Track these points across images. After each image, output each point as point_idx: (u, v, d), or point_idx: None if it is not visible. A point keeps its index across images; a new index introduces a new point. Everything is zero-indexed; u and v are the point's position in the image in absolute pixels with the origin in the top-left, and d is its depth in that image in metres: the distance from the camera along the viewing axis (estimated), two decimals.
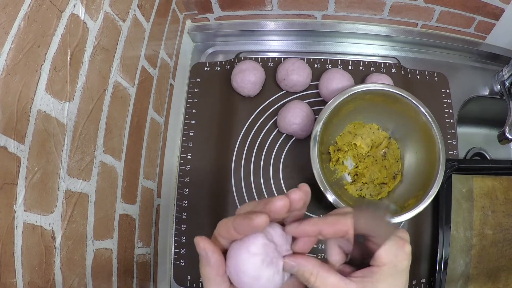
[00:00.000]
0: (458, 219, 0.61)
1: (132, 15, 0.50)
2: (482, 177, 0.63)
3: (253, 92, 0.67)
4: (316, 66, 0.71)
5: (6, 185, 0.30)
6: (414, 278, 0.61)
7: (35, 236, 0.33)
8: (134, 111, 0.52)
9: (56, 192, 0.36)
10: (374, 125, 0.64)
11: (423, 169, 0.58)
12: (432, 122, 0.56)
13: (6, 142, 0.30)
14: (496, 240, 0.62)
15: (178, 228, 0.64)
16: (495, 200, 0.63)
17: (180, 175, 0.66)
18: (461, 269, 0.60)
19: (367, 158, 0.63)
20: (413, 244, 0.62)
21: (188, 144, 0.68)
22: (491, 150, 0.85)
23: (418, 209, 0.52)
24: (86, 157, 0.41)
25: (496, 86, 0.73)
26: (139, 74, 0.54)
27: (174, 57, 0.68)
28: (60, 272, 0.36)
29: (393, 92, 0.57)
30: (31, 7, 0.32)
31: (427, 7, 0.67)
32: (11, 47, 0.30)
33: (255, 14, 0.73)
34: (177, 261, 0.63)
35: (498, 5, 0.64)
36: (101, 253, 0.44)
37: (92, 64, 0.41)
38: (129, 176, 0.52)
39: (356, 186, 0.61)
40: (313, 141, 0.55)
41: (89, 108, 0.41)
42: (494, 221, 0.62)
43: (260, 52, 0.75)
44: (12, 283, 0.30)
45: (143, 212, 0.56)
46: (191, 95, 0.71)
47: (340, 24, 0.74)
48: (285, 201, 0.25)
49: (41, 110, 0.33)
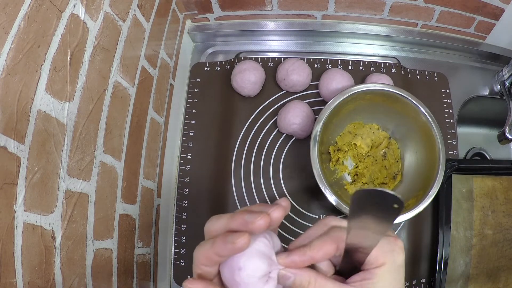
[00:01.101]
0: (458, 219, 0.61)
1: (132, 15, 0.50)
2: (482, 177, 0.63)
3: (253, 92, 0.67)
4: (316, 66, 0.71)
5: (6, 185, 0.30)
6: (414, 278, 0.61)
7: (35, 236, 0.33)
8: (134, 111, 0.52)
9: (56, 192, 0.36)
10: (374, 125, 0.64)
11: (423, 169, 0.58)
12: (432, 122, 0.56)
13: (6, 142, 0.30)
14: (496, 240, 0.62)
15: (178, 228, 0.64)
16: (495, 200, 0.63)
17: (180, 175, 0.66)
18: (461, 269, 0.60)
19: (367, 158, 0.63)
20: (413, 244, 0.63)
21: (188, 144, 0.68)
22: (491, 150, 0.85)
23: (418, 209, 0.52)
24: (86, 157, 0.41)
25: (496, 86, 0.73)
26: (139, 74, 0.54)
27: (174, 57, 0.68)
28: (60, 272, 0.36)
29: (393, 92, 0.57)
30: (31, 7, 0.32)
31: (427, 7, 0.67)
32: (11, 47, 0.30)
33: (255, 14, 0.73)
34: (177, 261, 0.63)
35: (498, 5, 0.64)
36: (101, 253, 0.44)
37: (92, 64, 0.41)
38: (129, 176, 0.51)
39: (356, 186, 0.61)
40: (313, 141, 0.55)
41: (89, 108, 0.41)
42: (494, 221, 0.62)
43: (260, 52, 0.75)
44: (12, 283, 0.30)
45: (143, 212, 0.56)
46: (191, 95, 0.71)
47: (340, 24, 0.74)
48: (265, 220, 0.24)
49: (41, 110, 0.33)
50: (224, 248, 0.24)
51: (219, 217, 0.27)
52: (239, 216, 0.25)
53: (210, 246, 0.25)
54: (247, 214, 0.25)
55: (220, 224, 0.26)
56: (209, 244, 0.25)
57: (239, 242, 0.23)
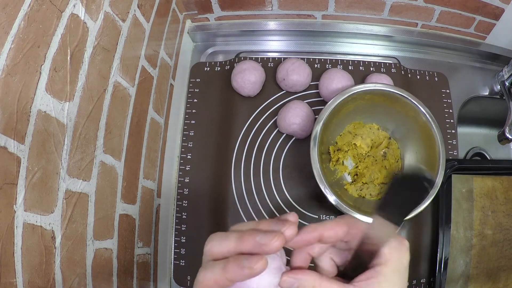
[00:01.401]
0: (458, 219, 0.61)
1: (132, 15, 0.50)
2: (482, 177, 0.63)
3: (253, 92, 0.67)
4: (316, 66, 0.71)
5: (6, 185, 0.30)
6: (414, 278, 0.61)
7: (35, 236, 0.33)
8: (134, 111, 0.52)
9: (56, 192, 0.36)
10: (374, 125, 0.64)
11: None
12: (432, 122, 0.56)
13: (6, 142, 0.30)
14: (496, 240, 0.62)
15: (178, 228, 0.64)
16: (495, 200, 0.63)
17: (180, 175, 0.66)
18: (461, 269, 0.60)
19: (367, 158, 0.63)
20: (413, 244, 0.63)
21: (188, 144, 0.68)
22: (491, 150, 0.85)
23: (418, 209, 0.52)
24: (86, 157, 0.41)
25: (496, 86, 0.73)
26: (139, 74, 0.54)
27: (174, 57, 0.68)
28: (60, 272, 0.36)
29: (393, 92, 0.57)
30: (31, 7, 0.32)
31: (427, 7, 0.67)
32: (11, 47, 0.30)
33: (255, 14, 0.73)
34: (177, 261, 0.63)
35: (498, 5, 0.64)
36: (101, 253, 0.44)
37: (92, 64, 0.41)
38: (129, 176, 0.52)
39: (356, 186, 0.61)
40: (313, 141, 0.55)
41: (89, 108, 0.41)
42: (494, 221, 0.62)
43: (260, 52, 0.75)
44: (12, 283, 0.30)
45: (143, 212, 0.56)
46: (191, 95, 0.71)
47: (340, 24, 0.74)
48: (281, 242, 0.23)
49: (41, 110, 0.33)
50: (240, 273, 0.23)
51: (224, 238, 0.25)
52: (250, 238, 0.24)
53: (221, 270, 0.23)
54: (258, 236, 0.24)
55: (227, 246, 0.25)
56: (218, 268, 0.24)
57: (258, 268, 0.22)
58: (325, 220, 0.28)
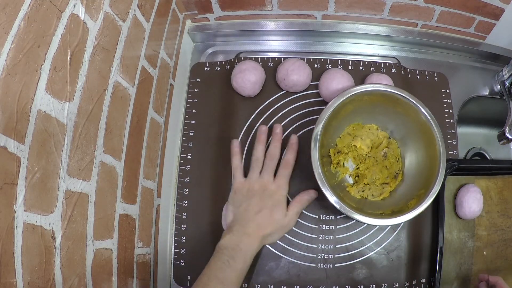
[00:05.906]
0: (452, 221, 0.62)
1: (132, 15, 0.50)
2: (476, 177, 0.63)
3: (253, 92, 0.67)
4: (316, 66, 0.71)
5: (6, 185, 0.30)
6: (414, 278, 0.61)
7: (35, 236, 0.33)
8: (134, 111, 0.52)
9: (56, 192, 0.36)
10: (373, 125, 0.64)
11: (424, 168, 0.58)
12: (432, 122, 0.56)
13: (6, 142, 0.30)
14: (492, 241, 0.62)
15: (178, 228, 0.64)
16: (490, 201, 0.63)
17: (180, 175, 0.66)
18: (457, 271, 0.60)
19: (367, 159, 0.63)
20: (413, 244, 0.63)
21: (188, 144, 0.68)
22: (491, 150, 0.85)
23: (420, 209, 0.52)
24: (86, 157, 0.41)
25: (496, 86, 0.73)
26: (139, 74, 0.54)
27: (174, 57, 0.68)
28: (60, 272, 0.36)
29: (393, 92, 0.57)
30: (31, 7, 0.32)
31: (427, 7, 0.67)
32: (11, 47, 0.30)
33: (255, 14, 0.73)
34: (177, 261, 0.63)
35: (498, 5, 0.64)
36: (101, 253, 0.44)
37: (92, 64, 0.41)
38: (129, 176, 0.52)
39: (358, 188, 0.61)
40: (313, 141, 0.54)
41: (89, 108, 0.41)
42: (489, 221, 0.62)
43: (260, 52, 0.75)
44: (12, 283, 0.30)
45: (143, 212, 0.56)
46: (191, 95, 0.71)
47: (340, 24, 0.74)
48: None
49: (41, 110, 0.33)
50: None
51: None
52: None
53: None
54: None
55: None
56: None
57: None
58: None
